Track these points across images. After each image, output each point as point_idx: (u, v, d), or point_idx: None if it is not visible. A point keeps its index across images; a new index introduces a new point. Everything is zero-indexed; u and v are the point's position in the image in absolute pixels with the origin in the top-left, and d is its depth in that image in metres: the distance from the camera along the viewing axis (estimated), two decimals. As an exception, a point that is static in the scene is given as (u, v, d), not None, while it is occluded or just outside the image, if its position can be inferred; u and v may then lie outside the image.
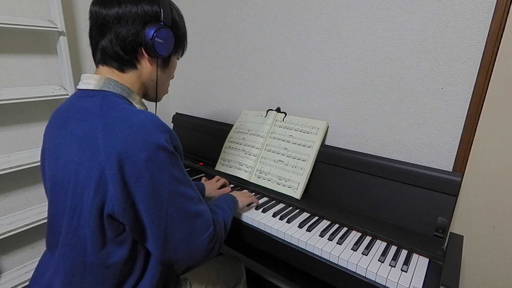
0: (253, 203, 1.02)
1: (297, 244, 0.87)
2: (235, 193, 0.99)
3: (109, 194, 0.56)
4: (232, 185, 1.19)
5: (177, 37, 0.71)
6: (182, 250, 0.63)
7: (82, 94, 0.66)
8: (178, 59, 0.79)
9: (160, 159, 0.58)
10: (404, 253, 0.82)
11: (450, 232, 0.93)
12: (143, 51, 0.67)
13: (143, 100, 0.75)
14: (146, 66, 0.69)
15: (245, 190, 1.13)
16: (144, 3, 0.64)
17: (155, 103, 0.78)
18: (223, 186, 1.15)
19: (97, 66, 0.69)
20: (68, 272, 0.63)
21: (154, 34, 0.64)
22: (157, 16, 0.65)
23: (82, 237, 0.61)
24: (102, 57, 0.66)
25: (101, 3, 0.64)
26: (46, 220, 0.71)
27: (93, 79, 0.65)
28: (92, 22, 0.66)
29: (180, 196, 0.61)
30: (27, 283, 1.24)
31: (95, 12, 0.64)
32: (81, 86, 0.67)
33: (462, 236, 0.90)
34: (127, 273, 0.65)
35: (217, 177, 1.19)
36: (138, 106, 0.69)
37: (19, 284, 1.23)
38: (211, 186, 1.10)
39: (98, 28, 0.65)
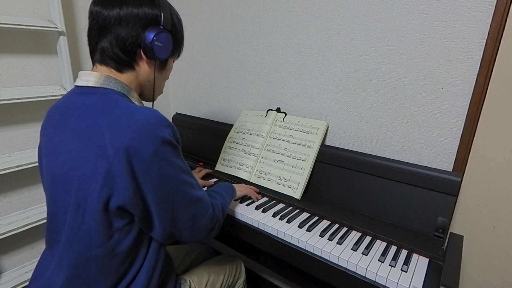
0: (249, 195, 1.06)
1: (297, 244, 0.87)
2: (236, 184, 1.04)
3: (117, 188, 0.59)
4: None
5: (175, 41, 0.73)
6: (187, 230, 0.69)
7: (81, 91, 0.66)
8: (174, 61, 0.81)
9: (166, 152, 0.61)
10: (404, 253, 0.82)
11: (450, 232, 0.93)
12: (142, 54, 0.68)
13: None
14: (144, 68, 0.70)
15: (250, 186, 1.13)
16: (146, 5, 0.65)
17: (151, 102, 0.80)
18: (206, 177, 1.26)
19: (94, 65, 0.70)
20: (73, 266, 0.64)
21: (154, 38, 0.65)
22: (157, 19, 0.66)
23: (87, 231, 0.62)
24: (101, 57, 0.67)
25: (103, 3, 0.64)
26: (46, 220, 0.72)
27: (92, 76, 0.66)
28: (92, 22, 0.66)
29: (184, 183, 0.66)
30: (27, 283, 1.24)
31: (96, 12, 0.65)
32: (79, 83, 0.67)
33: (462, 236, 0.90)
34: (131, 261, 0.67)
35: (198, 168, 1.29)
36: (137, 103, 0.70)
37: (19, 284, 1.23)
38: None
39: (98, 29, 0.65)
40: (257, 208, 1.02)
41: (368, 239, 0.88)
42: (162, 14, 0.66)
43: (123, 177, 0.58)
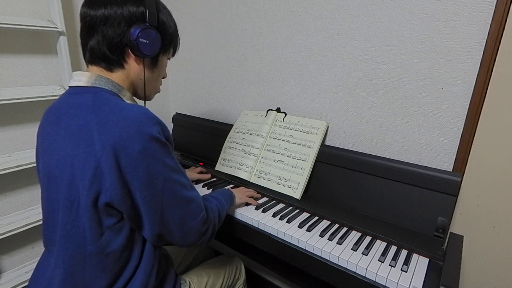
0: (249, 203, 1.04)
1: (297, 244, 0.87)
2: (236, 190, 1.03)
3: (105, 185, 0.59)
4: (231, 185, 1.20)
5: (164, 37, 0.72)
6: (177, 232, 0.68)
7: (74, 91, 0.68)
8: (169, 59, 0.80)
9: (154, 149, 0.61)
10: (404, 253, 0.82)
11: (450, 232, 0.93)
12: (129, 51, 0.68)
13: (134, 98, 0.76)
14: (133, 66, 0.71)
15: (250, 189, 1.13)
16: (130, 4, 0.66)
17: (144, 101, 0.80)
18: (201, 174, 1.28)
19: (87, 65, 0.71)
20: (68, 264, 0.65)
21: (139, 34, 0.65)
22: (142, 17, 0.67)
23: (82, 227, 0.63)
24: (90, 57, 0.68)
25: (89, 4, 0.66)
26: (42, 221, 0.72)
27: (84, 76, 0.67)
28: (82, 23, 0.68)
29: (174, 183, 0.65)
30: (27, 283, 1.24)
31: (83, 13, 0.66)
32: (73, 83, 0.68)
33: (462, 236, 0.90)
34: (126, 260, 0.67)
35: (193, 167, 1.32)
36: (128, 102, 0.70)
37: (19, 284, 1.23)
38: (190, 172, 1.24)
39: (86, 29, 0.67)
40: (257, 208, 1.02)
41: (368, 239, 0.88)
42: (147, 11, 0.67)
43: (110, 174, 0.58)
